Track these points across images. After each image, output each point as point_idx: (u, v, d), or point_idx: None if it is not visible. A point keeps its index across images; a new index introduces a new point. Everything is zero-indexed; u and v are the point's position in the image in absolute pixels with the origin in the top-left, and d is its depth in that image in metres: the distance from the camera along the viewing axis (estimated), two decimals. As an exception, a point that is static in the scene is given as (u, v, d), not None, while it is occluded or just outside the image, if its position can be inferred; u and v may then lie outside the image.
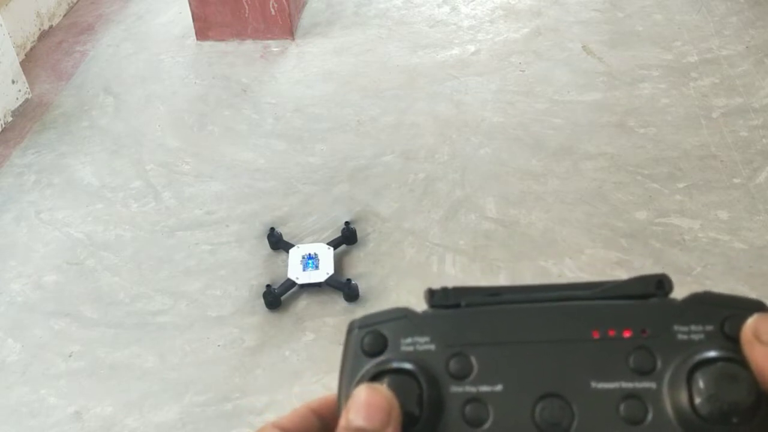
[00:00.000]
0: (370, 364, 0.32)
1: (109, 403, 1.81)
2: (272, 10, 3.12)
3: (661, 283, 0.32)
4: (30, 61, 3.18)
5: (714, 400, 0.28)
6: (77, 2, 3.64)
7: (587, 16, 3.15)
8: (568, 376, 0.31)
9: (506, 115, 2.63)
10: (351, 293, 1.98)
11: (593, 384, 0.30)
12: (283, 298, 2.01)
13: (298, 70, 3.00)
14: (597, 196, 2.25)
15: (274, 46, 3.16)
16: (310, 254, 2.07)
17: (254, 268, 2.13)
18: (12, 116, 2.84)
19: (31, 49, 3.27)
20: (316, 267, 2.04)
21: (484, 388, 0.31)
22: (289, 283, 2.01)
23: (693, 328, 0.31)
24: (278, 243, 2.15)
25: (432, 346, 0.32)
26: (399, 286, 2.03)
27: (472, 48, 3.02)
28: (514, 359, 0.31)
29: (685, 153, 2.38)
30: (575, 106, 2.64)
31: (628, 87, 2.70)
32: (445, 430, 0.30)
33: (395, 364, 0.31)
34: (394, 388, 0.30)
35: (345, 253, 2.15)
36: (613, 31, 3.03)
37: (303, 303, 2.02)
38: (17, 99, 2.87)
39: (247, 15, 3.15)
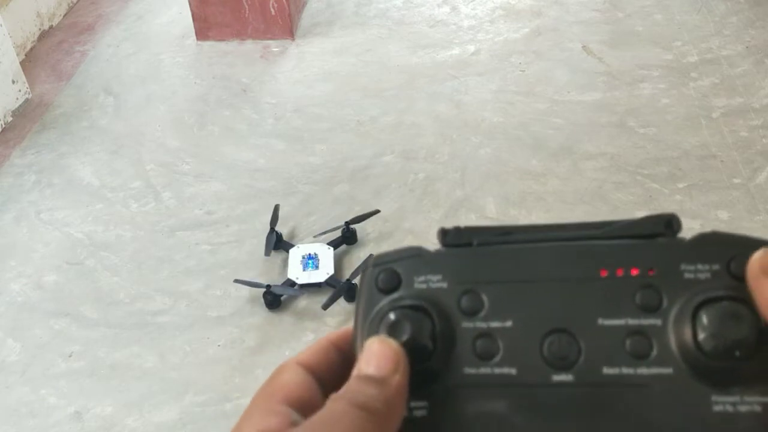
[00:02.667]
0: (384, 301, 0.33)
1: (109, 403, 1.81)
2: (272, 10, 3.12)
3: (669, 223, 0.33)
4: (30, 61, 3.18)
5: (717, 337, 0.29)
6: (77, 2, 3.64)
7: (587, 16, 3.15)
8: (575, 312, 0.31)
9: (506, 115, 2.63)
10: (351, 293, 1.98)
11: (600, 320, 0.31)
12: (283, 298, 2.01)
13: (298, 70, 3.00)
14: (597, 196, 2.25)
15: (274, 46, 3.16)
16: (310, 254, 2.07)
17: (254, 268, 2.13)
18: (12, 116, 2.84)
19: (31, 49, 3.27)
20: (316, 267, 2.04)
21: (495, 324, 0.32)
22: (289, 283, 2.01)
23: (700, 267, 0.31)
24: (278, 243, 2.15)
25: (444, 284, 0.33)
26: (399, 286, 2.02)
27: (472, 48, 3.02)
28: (524, 296, 0.32)
29: (685, 153, 2.38)
30: (575, 106, 2.64)
31: (628, 87, 2.70)
32: (457, 363, 0.31)
33: (409, 301, 0.32)
34: (408, 323, 0.31)
35: (345, 253, 2.15)
36: (613, 31, 3.03)
37: (303, 303, 2.02)
38: (17, 99, 2.87)
39: (247, 15, 3.15)
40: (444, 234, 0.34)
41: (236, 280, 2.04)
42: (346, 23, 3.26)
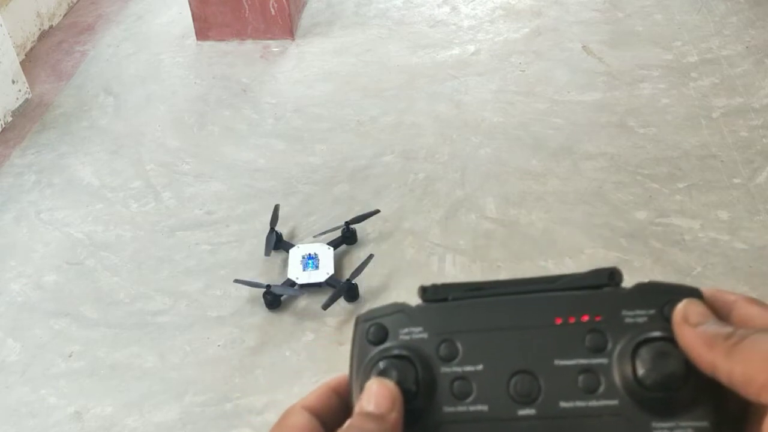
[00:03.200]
0: (374, 351, 0.38)
1: (109, 403, 1.81)
2: (272, 10, 3.12)
3: (612, 275, 0.38)
4: (30, 61, 3.18)
5: (653, 372, 0.34)
6: (77, 2, 3.64)
7: (587, 16, 3.15)
8: (535, 355, 0.36)
9: (506, 115, 2.63)
10: (351, 293, 1.98)
11: (556, 361, 0.36)
12: (283, 298, 2.01)
13: (298, 70, 3.00)
14: (597, 196, 2.25)
15: (274, 46, 3.16)
16: (310, 254, 2.07)
17: (254, 268, 2.13)
18: (12, 116, 2.84)
19: (31, 49, 3.27)
20: (316, 267, 2.04)
21: (468, 368, 0.37)
22: (289, 283, 2.01)
23: (638, 312, 0.36)
24: (278, 243, 2.15)
25: (425, 335, 0.38)
26: (399, 286, 2.03)
27: (472, 48, 3.02)
28: (492, 343, 0.37)
29: (685, 153, 2.38)
30: (575, 106, 2.64)
31: (628, 87, 2.70)
32: (438, 403, 0.37)
33: (395, 351, 0.37)
34: (395, 370, 0.36)
35: (345, 253, 2.15)
36: (613, 31, 3.03)
37: (303, 303, 2.02)
38: (17, 99, 2.87)
39: (247, 15, 3.15)
40: (423, 291, 0.40)
41: (236, 280, 2.04)
42: (346, 23, 3.26)
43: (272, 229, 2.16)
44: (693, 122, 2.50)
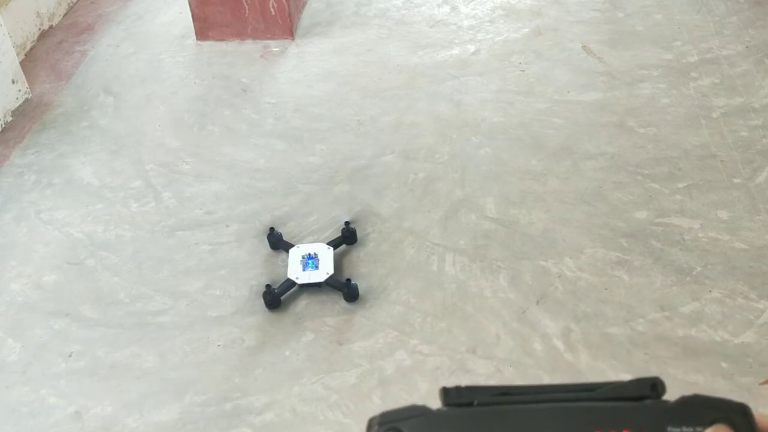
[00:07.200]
0: None
1: (109, 403, 1.81)
2: (272, 10, 3.12)
3: (654, 386, 0.35)
4: (30, 61, 3.18)
5: None
6: (77, 2, 3.64)
7: (587, 16, 3.15)
8: None
9: (506, 115, 2.63)
10: (351, 293, 1.98)
11: None
12: (283, 298, 2.01)
13: (298, 70, 3.00)
14: (597, 196, 2.25)
15: (274, 46, 3.16)
16: (310, 254, 2.07)
17: (254, 268, 2.13)
18: (12, 116, 2.84)
19: (31, 49, 3.27)
20: (316, 267, 2.04)
21: None
22: (289, 283, 2.01)
23: (684, 429, 0.33)
24: (278, 243, 2.15)
25: None
26: (399, 286, 2.03)
27: (472, 48, 3.02)
28: None
29: (685, 153, 2.38)
30: (575, 106, 2.64)
31: (628, 87, 2.70)
32: None
33: None
34: None
35: (345, 253, 2.15)
36: (613, 31, 3.03)
37: (303, 303, 2.02)
38: (17, 99, 2.87)
39: (247, 15, 3.15)
40: (446, 393, 0.36)
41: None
42: (346, 23, 3.26)
43: (272, 229, 2.16)
44: (693, 122, 2.50)
